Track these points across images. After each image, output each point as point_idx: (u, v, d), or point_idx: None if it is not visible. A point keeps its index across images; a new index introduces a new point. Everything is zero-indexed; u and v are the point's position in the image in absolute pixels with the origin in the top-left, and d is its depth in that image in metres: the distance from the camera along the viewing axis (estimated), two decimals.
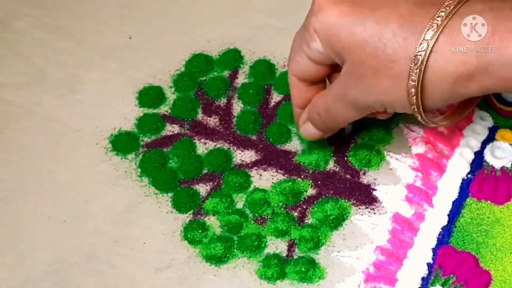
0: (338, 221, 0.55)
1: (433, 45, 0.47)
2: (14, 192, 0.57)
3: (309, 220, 0.55)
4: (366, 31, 0.48)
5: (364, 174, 0.57)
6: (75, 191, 0.57)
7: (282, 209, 0.56)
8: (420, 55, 0.47)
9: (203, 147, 0.59)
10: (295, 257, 0.54)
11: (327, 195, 0.56)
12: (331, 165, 0.57)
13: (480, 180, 0.55)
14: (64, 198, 0.57)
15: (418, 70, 0.47)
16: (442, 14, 0.47)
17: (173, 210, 0.56)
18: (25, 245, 0.55)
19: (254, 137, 0.59)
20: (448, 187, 0.55)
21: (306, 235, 0.54)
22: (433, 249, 0.53)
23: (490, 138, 0.57)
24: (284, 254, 0.54)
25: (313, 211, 0.55)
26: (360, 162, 0.57)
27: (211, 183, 0.57)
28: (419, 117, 0.50)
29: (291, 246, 0.54)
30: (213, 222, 0.55)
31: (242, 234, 0.55)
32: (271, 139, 0.59)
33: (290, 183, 0.56)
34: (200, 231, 0.55)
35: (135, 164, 0.58)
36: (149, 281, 0.53)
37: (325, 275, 0.53)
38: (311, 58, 0.51)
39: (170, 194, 0.56)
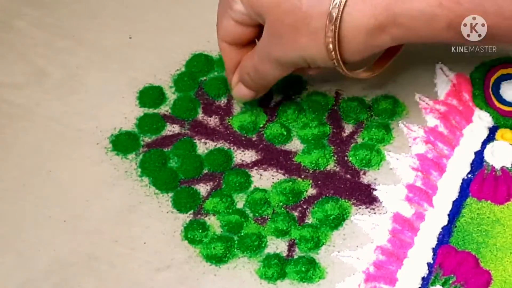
0: (338, 221, 0.55)
1: (346, 1, 0.48)
2: (14, 192, 0.57)
3: (309, 220, 0.55)
4: None
5: (364, 174, 0.57)
6: (75, 191, 0.57)
7: (283, 209, 0.56)
8: (334, 11, 0.49)
9: (203, 147, 0.59)
10: (295, 257, 0.54)
11: (327, 195, 0.56)
12: (331, 165, 0.57)
13: (480, 180, 0.55)
14: (64, 198, 0.57)
15: (333, 27, 0.49)
16: None
17: (174, 210, 0.56)
18: (25, 245, 0.55)
19: (254, 137, 0.59)
20: (448, 187, 0.55)
21: (306, 235, 0.54)
22: (433, 249, 0.53)
23: (490, 138, 0.57)
24: (285, 254, 0.54)
25: (313, 211, 0.55)
26: (360, 162, 0.57)
27: (211, 183, 0.57)
28: (341, 70, 0.52)
29: (291, 246, 0.54)
30: (213, 222, 0.55)
31: (242, 234, 0.55)
32: (271, 139, 0.59)
33: (291, 183, 0.56)
34: (200, 231, 0.55)
35: (136, 164, 0.58)
36: (150, 281, 0.53)
37: (326, 275, 0.53)
38: (236, 20, 0.53)
39: (170, 194, 0.56)
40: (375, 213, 0.55)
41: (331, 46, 0.50)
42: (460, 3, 0.47)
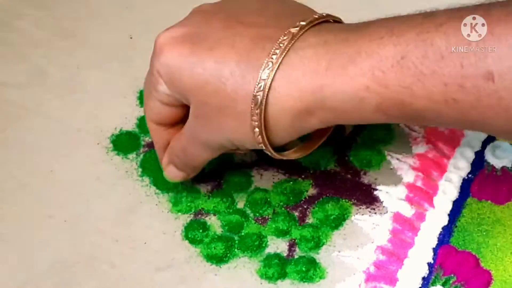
0: (338, 221, 0.55)
1: (270, 84, 0.47)
2: (15, 191, 0.57)
3: (310, 220, 0.55)
4: (206, 71, 0.48)
5: (364, 174, 0.57)
6: (76, 191, 0.57)
7: (283, 208, 0.56)
8: (259, 95, 0.47)
9: None
10: (296, 256, 0.54)
11: (327, 195, 0.56)
12: (331, 165, 0.57)
13: (481, 180, 0.55)
14: (65, 197, 0.57)
15: (258, 110, 0.47)
16: (277, 51, 0.47)
17: (174, 209, 0.56)
18: (26, 245, 0.55)
19: None
20: (448, 187, 0.55)
21: (307, 234, 0.54)
22: (433, 249, 0.53)
23: (490, 138, 0.57)
24: (285, 254, 0.54)
25: (314, 211, 0.55)
26: (361, 162, 0.57)
27: (211, 182, 0.57)
28: (269, 153, 0.50)
29: (291, 246, 0.54)
30: (214, 222, 0.55)
31: (243, 233, 0.55)
32: None
33: (291, 183, 0.56)
34: (201, 230, 0.55)
35: (136, 163, 0.58)
36: (150, 280, 0.53)
37: (326, 274, 0.53)
38: (161, 101, 0.51)
39: (171, 194, 0.56)
40: (375, 213, 0.55)
41: (257, 129, 0.48)
42: (387, 86, 0.46)
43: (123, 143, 0.59)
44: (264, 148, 0.50)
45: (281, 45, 0.47)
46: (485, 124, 0.46)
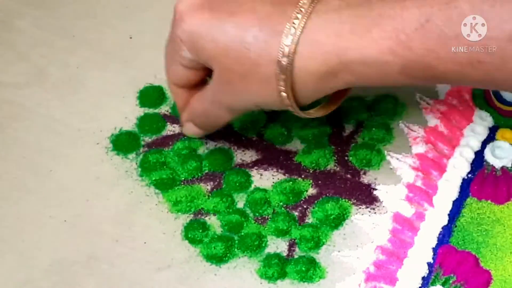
0: (338, 220, 0.55)
1: (294, 48, 0.47)
2: (14, 191, 0.57)
3: (310, 219, 0.55)
4: (227, 37, 0.48)
5: (364, 173, 0.57)
6: (76, 191, 0.57)
7: (283, 208, 0.56)
8: (284, 60, 0.47)
9: (203, 147, 0.59)
10: (296, 256, 0.54)
11: (327, 194, 0.56)
12: (331, 165, 0.57)
13: (481, 179, 0.55)
14: (65, 197, 0.57)
15: (284, 76, 0.48)
16: (299, 15, 0.47)
17: (174, 209, 0.56)
18: (26, 245, 0.55)
19: (254, 137, 0.59)
20: (448, 187, 0.55)
21: (306, 234, 0.54)
22: (433, 248, 0.53)
23: (490, 138, 0.57)
24: (285, 254, 0.54)
25: (313, 211, 0.55)
26: (361, 162, 0.57)
27: (211, 182, 0.57)
28: (295, 113, 0.51)
29: (291, 246, 0.54)
30: (213, 222, 0.55)
31: (242, 233, 0.55)
32: (271, 139, 0.59)
33: (291, 182, 0.56)
34: (200, 230, 0.55)
35: (136, 163, 0.58)
36: (150, 280, 0.53)
37: (326, 274, 0.53)
38: (185, 65, 0.52)
39: (171, 194, 0.56)
40: (375, 212, 0.55)
41: (284, 94, 0.49)
42: (411, 49, 0.46)
43: (123, 143, 0.59)
44: (291, 109, 0.50)
45: (301, 9, 0.47)
46: (510, 85, 0.47)
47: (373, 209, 0.55)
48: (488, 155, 0.56)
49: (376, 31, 0.47)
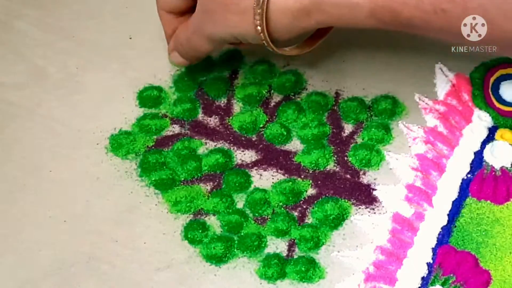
0: (338, 221, 0.55)
1: None
2: (14, 192, 0.57)
3: (309, 220, 0.55)
4: None
5: (364, 174, 0.57)
6: (75, 191, 0.57)
7: (282, 209, 0.56)
8: None
9: (203, 147, 0.59)
10: (295, 256, 0.54)
11: (327, 195, 0.56)
12: (331, 165, 0.57)
13: (480, 180, 0.55)
14: (64, 198, 0.57)
15: (260, 10, 0.51)
16: None
17: (174, 210, 0.56)
18: (25, 245, 0.55)
19: (254, 137, 0.59)
20: (448, 187, 0.55)
21: (306, 235, 0.54)
22: (433, 248, 0.53)
23: (489, 138, 0.57)
24: (284, 254, 0.54)
25: (313, 211, 0.55)
26: (360, 162, 0.57)
27: (211, 183, 0.57)
28: (270, 49, 0.54)
29: (291, 246, 0.54)
30: (213, 222, 0.55)
31: (242, 234, 0.55)
32: (271, 139, 0.59)
33: (290, 183, 0.56)
34: (200, 231, 0.55)
35: (136, 164, 0.58)
36: (150, 281, 0.53)
37: (325, 274, 0.53)
38: None
39: (170, 194, 0.56)
40: (374, 213, 0.55)
41: (259, 28, 0.52)
42: None
43: (123, 143, 0.59)
44: (265, 44, 0.53)
45: None
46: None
47: (373, 209, 0.55)
48: (487, 155, 0.56)
49: None
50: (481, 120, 0.58)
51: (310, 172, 0.57)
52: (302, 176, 0.57)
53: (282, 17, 0.52)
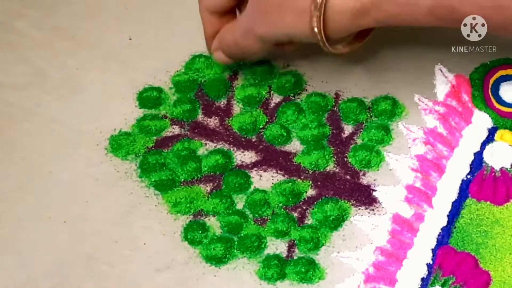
0: (338, 221, 0.55)
1: None
2: (14, 192, 0.57)
3: (309, 220, 0.55)
4: None
5: (364, 175, 0.57)
6: (75, 192, 0.57)
7: (282, 209, 0.56)
8: None
9: (203, 148, 0.59)
10: (295, 257, 0.54)
11: (327, 196, 0.56)
12: (331, 166, 0.57)
13: (480, 181, 0.55)
14: (64, 198, 0.57)
15: (318, 12, 0.50)
16: None
17: (173, 211, 0.56)
18: (25, 246, 0.55)
19: (254, 138, 0.59)
20: (447, 188, 0.55)
21: (306, 235, 0.54)
22: (432, 249, 0.53)
23: (489, 139, 0.57)
24: (284, 255, 0.54)
25: (313, 212, 0.55)
26: (360, 163, 0.57)
27: (211, 184, 0.57)
28: (325, 49, 0.53)
29: (291, 247, 0.54)
30: (213, 223, 0.55)
31: (242, 234, 0.55)
32: (271, 140, 0.59)
33: (290, 184, 0.56)
34: (200, 231, 0.55)
35: (135, 165, 0.58)
36: (149, 281, 0.53)
37: (325, 275, 0.53)
38: None
39: (170, 195, 0.56)
40: (374, 214, 0.55)
41: (316, 29, 0.51)
42: None
43: (123, 144, 0.59)
44: (320, 44, 0.53)
45: None
46: None
47: (373, 210, 0.55)
48: (487, 156, 0.56)
49: None
50: (481, 121, 0.58)
51: (310, 173, 0.57)
52: (302, 177, 0.57)
53: (341, 17, 0.51)
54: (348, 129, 0.59)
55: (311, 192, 0.56)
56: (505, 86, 0.59)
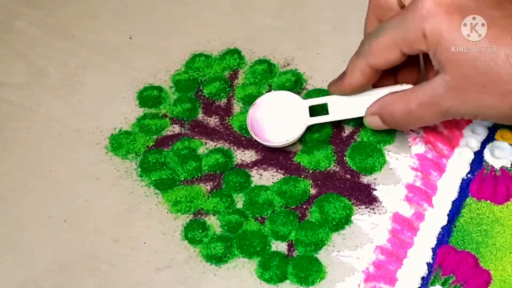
0: (341, 224, 0.55)
1: None
2: (14, 192, 0.57)
3: (309, 220, 0.55)
4: (477, 48, 0.48)
5: (364, 174, 0.57)
6: (75, 191, 0.57)
7: (282, 208, 0.56)
8: None
9: (203, 147, 0.59)
10: (295, 256, 0.54)
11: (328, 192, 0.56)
12: (331, 165, 0.57)
13: (480, 180, 0.55)
14: (64, 197, 0.57)
15: None
16: None
17: (173, 210, 0.56)
18: (25, 245, 0.55)
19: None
20: (448, 187, 0.55)
21: (306, 236, 0.54)
22: (433, 248, 0.53)
23: (489, 138, 0.57)
24: (285, 254, 0.54)
25: (313, 211, 0.55)
26: (364, 170, 0.57)
27: (211, 183, 0.57)
28: None
29: (291, 246, 0.54)
30: (213, 222, 0.55)
31: (241, 233, 0.55)
32: None
33: (291, 183, 0.56)
34: (200, 230, 0.55)
35: (136, 164, 0.58)
36: (149, 280, 0.53)
37: (325, 274, 0.53)
38: (407, 54, 0.52)
39: (170, 194, 0.56)
40: (374, 213, 0.55)
41: None
42: None
43: (123, 143, 0.59)
44: None
45: None
46: None
47: (373, 209, 0.55)
48: (487, 156, 0.56)
49: None
50: (481, 120, 0.58)
51: (310, 172, 0.57)
52: (302, 176, 0.57)
53: None
54: (348, 128, 0.59)
55: (311, 191, 0.56)
56: None
